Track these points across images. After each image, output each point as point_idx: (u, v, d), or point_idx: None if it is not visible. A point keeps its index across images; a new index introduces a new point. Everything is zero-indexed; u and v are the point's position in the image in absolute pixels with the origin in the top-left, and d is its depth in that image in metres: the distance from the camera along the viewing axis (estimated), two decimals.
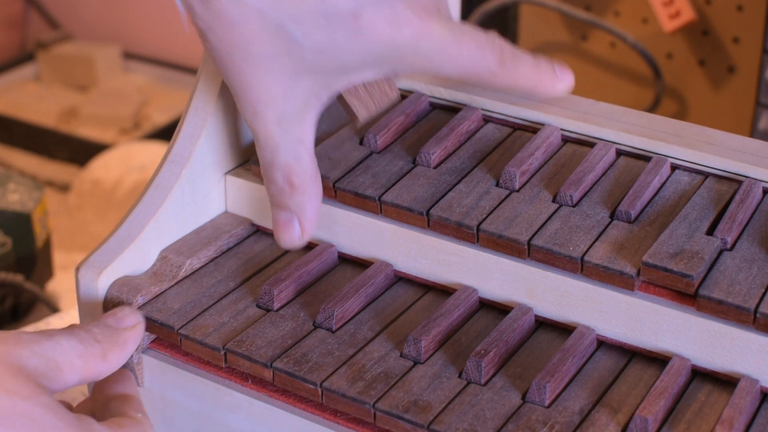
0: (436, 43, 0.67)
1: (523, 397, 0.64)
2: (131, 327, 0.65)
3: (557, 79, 0.74)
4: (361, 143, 0.76)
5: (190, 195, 0.74)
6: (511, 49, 0.71)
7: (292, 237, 0.69)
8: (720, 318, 0.63)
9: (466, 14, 1.24)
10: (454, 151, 0.75)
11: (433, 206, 0.70)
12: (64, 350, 0.61)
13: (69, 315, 1.01)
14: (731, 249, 0.66)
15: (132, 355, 0.70)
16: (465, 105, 0.78)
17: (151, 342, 0.71)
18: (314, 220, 0.69)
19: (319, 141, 0.76)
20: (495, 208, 0.70)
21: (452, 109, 0.79)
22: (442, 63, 0.69)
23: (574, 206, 0.70)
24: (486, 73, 0.70)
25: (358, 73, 0.68)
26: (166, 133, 2.46)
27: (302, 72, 0.66)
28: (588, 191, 0.71)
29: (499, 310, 0.70)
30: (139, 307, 0.70)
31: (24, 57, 2.71)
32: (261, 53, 0.64)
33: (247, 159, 0.77)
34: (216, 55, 0.65)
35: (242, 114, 0.67)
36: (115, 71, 2.69)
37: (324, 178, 0.72)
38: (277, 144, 0.67)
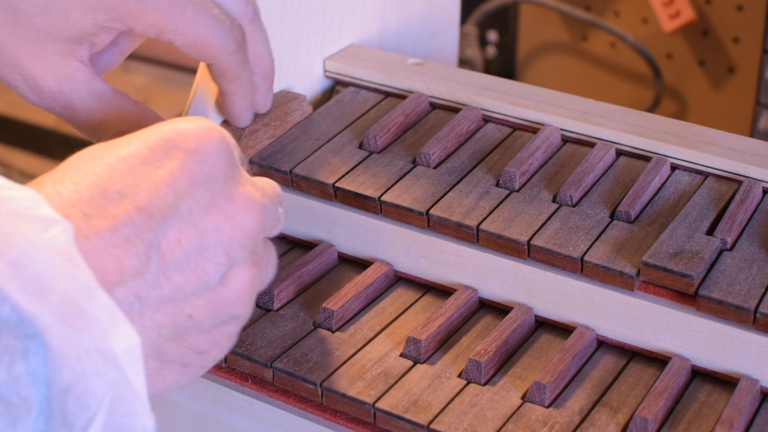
0: None
1: (523, 397, 0.64)
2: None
3: (268, 101, 0.72)
4: (360, 147, 0.76)
5: None
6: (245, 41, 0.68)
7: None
8: (720, 318, 0.63)
9: (466, 14, 1.24)
10: (454, 151, 0.75)
11: (433, 206, 0.70)
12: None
13: None
14: (731, 249, 0.66)
15: None
16: (465, 105, 0.78)
17: None
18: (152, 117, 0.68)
19: (319, 141, 0.76)
20: (495, 208, 0.70)
21: (452, 109, 0.79)
22: (173, 23, 0.64)
23: (574, 206, 0.70)
24: (221, 52, 0.66)
25: (95, 33, 0.65)
26: None
27: (41, 39, 0.64)
28: (588, 191, 0.71)
29: (499, 310, 0.70)
30: None
31: None
32: (6, 26, 0.63)
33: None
34: None
35: (30, 100, 0.65)
36: (115, 71, 2.68)
37: (323, 183, 0.72)
38: (78, 110, 0.65)
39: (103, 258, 0.47)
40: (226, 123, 0.73)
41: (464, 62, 1.27)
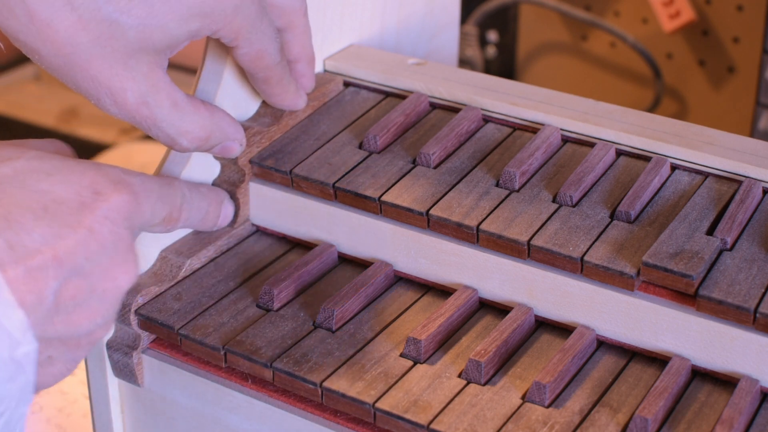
0: None
1: (523, 397, 0.64)
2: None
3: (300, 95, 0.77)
4: (360, 147, 0.76)
5: None
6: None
7: (235, 152, 0.73)
8: (720, 318, 0.63)
9: (466, 14, 1.24)
10: (454, 151, 0.75)
11: (433, 206, 0.70)
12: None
13: None
14: (731, 249, 0.66)
15: (131, 355, 0.70)
16: (465, 105, 0.78)
17: (151, 342, 0.71)
18: (238, 129, 0.72)
19: (319, 141, 0.76)
20: (495, 208, 0.70)
21: (452, 109, 0.79)
22: (250, 32, 0.68)
23: (574, 206, 0.70)
24: (271, 62, 0.71)
25: (186, 39, 0.67)
26: None
27: (134, 51, 0.64)
28: (588, 191, 0.71)
29: (499, 310, 0.70)
30: (139, 307, 0.70)
31: (24, 57, 2.71)
32: (87, 43, 0.63)
33: None
34: (51, 65, 0.64)
35: (110, 112, 0.66)
36: None
37: (323, 183, 0.72)
38: (160, 120, 0.67)
39: (11, 287, 0.53)
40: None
41: (464, 62, 1.27)
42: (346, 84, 0.82)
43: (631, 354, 0.67)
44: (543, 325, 0.69)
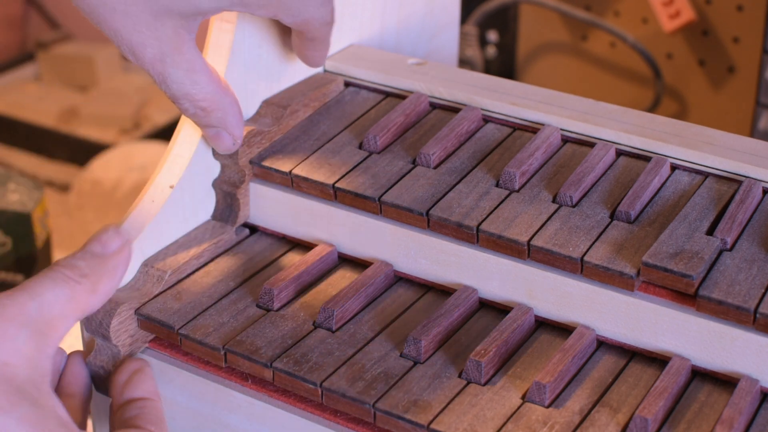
0: None
1: (523, 397, 0.64)
2: (118, 251, 0.63)
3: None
4: (360, 147, 0.76)
5: (189, 195, 0.74)
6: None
7: (227, 145, 0.72)
8: (720, 318, 0.63)
9: (466, 14, 1.24)
10: (454, 151, 0.75)
11: (433, 206, 0.70)
12: (52, 304, 0.59)
13: None
14: (731, 249, 0.66)
15: (131, 352, 0.70)
16: (465, 105, 0.78)
17: (151, 342, 0.71)
18: (239, 125, 0.72)
19: (319, 141, 0.76)
20: (495, 209, 0.70)
21: (452, 109, 0.79)
22: (290, 7, 0.70)
23: (574, 206, 0.70)
24: (321, 24, 0.72)
25: (214, 11, 0.68)
26: (166, 133, 2.45)
27: (160, 14, 0.66)
28: (588, 191, 0.71)
29: (499, 310, 0.70)
30: (139, 308, 0.70)
31: (24, 57, 2.71)
32: (114, 1, 0.65)
33: None
34: (85, 11, 0.66)
35: (127, 58, 0.67)
36: (115, 71, 2.68)
37: (323, 184, 0.72)
38: (170, 79, 0.68)
39: None
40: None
41: (464, 62, 1.27)
42: (346, 84, 0.82)
43: (631, 354, 0.67)
44: (543, 325, 0.69)
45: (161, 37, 0.66)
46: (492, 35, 1.27)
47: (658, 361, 0.66)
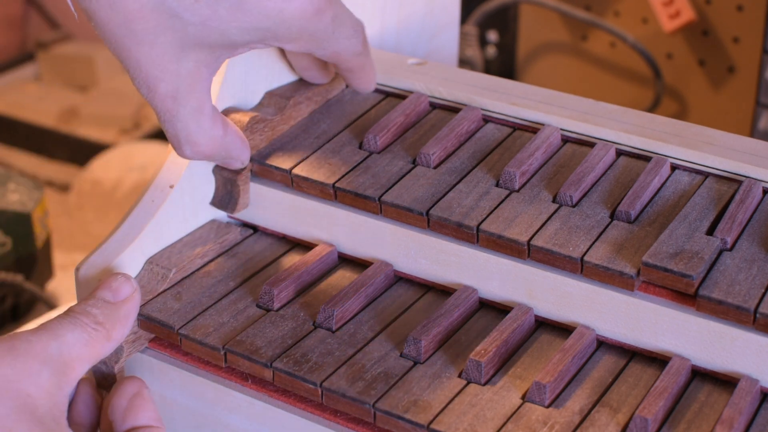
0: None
1: (523, 397, 0.64)
2: (129, 297, 0.65)
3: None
4: (360, 147, 0.76)
5: (189, 195, 0.74)
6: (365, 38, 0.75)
7: (234, 168, 0.73)
8: (720, 318, 0.63)
9: (466, 14, 1.24)
10: (454, 151, 0.75)
11: (433, 206, 0.70)
12: (71, 346, 0.61)
13: None
14: (731, 249, 0.66)
15: (113, 367, 0.69)
16: (465, 105, 0.78)
17: (151, 342, 0.71)
18: (245, 153, 0.72)
19: (319, 141, 0.76)
20: (495, 209, 0.70)
21: (452, 109, 0.79)
22: (320, 44, 0.71)
23: (574, 206, 0.70)
24: (352, 55, 0.74)
25: (244, 46, 0.68)
26: None
27: (188, 46, 0.65)
28: (588, 191, 0.71)
29: (499, 310, 0.70)
30: (140, 307, 0.70)
31: (24, 57, 2.71)
32: (142, 30, 0.64)
33: None
34: (103, 36, 0.65)
35: (139, 91, 0.67)
36: (115, 71, 2.68)
37: (324, 183, 0.72)
38: (176, 118, 0.67)
39: None
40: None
41: (464, 62, 1.27)
42: (346, 84, 0.82)
43: (631, 354, 0.67)
44: (543, 325, 0.69)
45: (181, 72, 0.65)
46: (492, 35, 1.27)
47: (658, 361, 0.66)
